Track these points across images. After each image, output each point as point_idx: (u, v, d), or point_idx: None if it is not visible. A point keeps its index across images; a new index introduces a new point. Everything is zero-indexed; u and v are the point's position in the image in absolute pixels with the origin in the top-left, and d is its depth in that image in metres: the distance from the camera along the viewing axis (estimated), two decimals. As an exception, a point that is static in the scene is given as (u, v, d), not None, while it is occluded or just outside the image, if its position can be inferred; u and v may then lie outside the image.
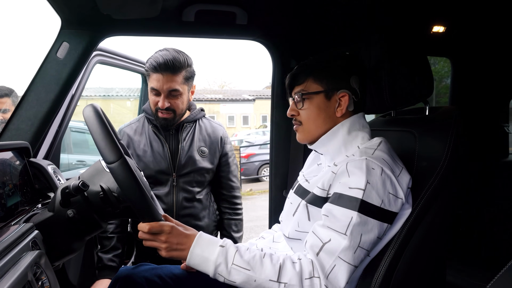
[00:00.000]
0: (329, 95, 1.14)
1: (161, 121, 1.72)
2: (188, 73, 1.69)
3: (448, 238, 1.18)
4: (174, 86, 1.64)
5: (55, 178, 1.37)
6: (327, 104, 1.14)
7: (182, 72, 1.66)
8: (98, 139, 0.94)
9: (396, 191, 1.02)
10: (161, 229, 1.01)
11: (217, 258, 0.99)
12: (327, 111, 1.15)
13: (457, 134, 1.11)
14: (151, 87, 1.67)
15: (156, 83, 1.64)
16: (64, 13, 1.42)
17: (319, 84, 1.15)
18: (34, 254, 0.83)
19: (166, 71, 1.62)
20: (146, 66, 1.68)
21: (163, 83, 1.63)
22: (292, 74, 1.20)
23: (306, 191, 1.17)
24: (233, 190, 1.94)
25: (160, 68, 1.61)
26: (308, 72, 1.17)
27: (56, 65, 1.45)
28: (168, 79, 1.63)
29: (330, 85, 1.14)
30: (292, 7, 1.69)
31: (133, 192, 0.94)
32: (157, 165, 1.74)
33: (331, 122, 1.15)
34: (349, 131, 1.14)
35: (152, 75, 1.65)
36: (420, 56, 1.22)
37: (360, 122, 1.16)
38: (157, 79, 1.63)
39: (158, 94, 1.67)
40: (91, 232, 1.12)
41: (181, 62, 1.64)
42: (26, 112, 1.43)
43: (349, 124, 1.14)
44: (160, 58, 1.62)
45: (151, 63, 1.64)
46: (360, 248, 0.97)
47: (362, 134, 1.15)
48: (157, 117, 1.72)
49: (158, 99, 1.67)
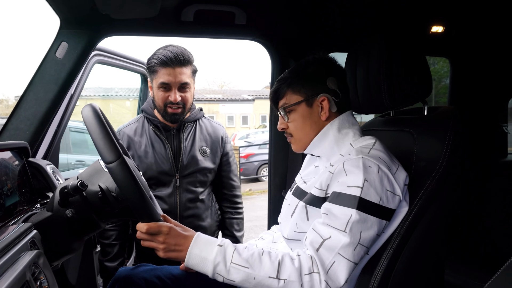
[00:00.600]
0: (310, 102, 1.17)
1: (171, 116, 1.71)
2: (194, 67, 1.73)
3: (446, 237, 1.18)
4: (185, 79, 1.67)
5: (53, 178, 1.36)
6: (310, 111, 1.17)
7: (190, 66, 1.70)
8: (96, 139, 0.94)
9: (394, 188, 1.02)
10: (159, 229, 1.01)
11: (215, 257, 0.99)
12: (312, 118, 1.17)
13: (455, 134, 1.12)
14: (161, 82, 1.66)
15: (167, 77, 1.65)
16: (63, 13, 1.42)
17: (298, 94, 1.18)
18: (32, 254, 0.83)
19: (177, 64, 1.64)
20: (152, 62, 1.67)
21: (175, 76, 1.65)
22: (273, 90, 1.23)
23: (303, 192, 1.18)
24: (234, 190, 1.94)
25: (171, 62, 1.63)
26: (286, 85, 1.19)
27: (55, 65, 1.45)
28: (179, 72, 1.65)
29: (309, 92, 1.16)
30: (290, 7, 1.69)
31: (131, 192, 0.94)
32: (159, 166, 1.73)
33: (318, 127, 1.18)
34: (339, 129, 1.16)
35: (161, 70, 1.65)
36: (419, 56, 1.23)
37: (349, 120, 1.18)
38: (168, 73, 1.64)
39: (169, 88, 1.67)
40: (90, 232, 1.12)
41: (189, 55, 1.69)
42: (25, 112, 1.43)
43: (338, 123, 1.16)
44: (169, 53, 1.64)
45: (160, 58, 1.64)
46: (360, 245, 0.98)
47: (353, 131, 1.17)
48: (166, 113, 1.71)
49: (169, 94, 1.67)
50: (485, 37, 2.22)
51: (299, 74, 1.18)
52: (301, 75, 1.18)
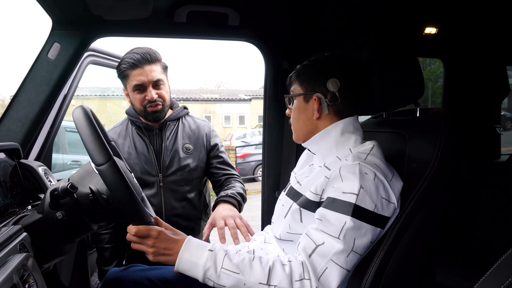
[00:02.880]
0: (307, 97, 1.17)
1: (152, 115, 1.71)
2: (164, 64, 1.74)
3: (437, 238, 1.18)
4: (157, 75, 1.68)
5: (45, 179, 1.36)
6: (305, 107, 1.17)
7: (159, 62, 1.71)
8: (87, 141, 0.94)
9: (389, 196, 1.02)
10: (148, 233, 1.00)
11: (206, 262, 0.98)
12: (306, 113, 1.17)
13: (447, 136, 1.12)
14: (135, 84, 1.67)
15: (139, 78, 1.65)
16: (55, 14, 1.41)
17: (300, 86, 1.18)
18: (21, 257, 0.82)
19: (145, 63, 1.65)
20: (121, 68, 1.68)
21: (146, 75, 1.65)
22: (289, 76, 1.24)
23: (298, 194, 1.18)
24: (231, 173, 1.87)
25: (139, 62, 1.65)
26: (296, 74, 1.20)
27: (47, 66, 1.45)
28: (149, 70, 1.66)
29: (308, 88, 1.16)
30: (284, 8, 1.69)
31: (121, 194, 0.93)
32: (142, 166, 1.73)
33: (310, 125, 1.18)
34: (342, 133, 1.14)
35: (131, 73, 1.66)
36: (411, 57, 1.23)
37: (354, 125, 1.17)
38: (139, 73, 1.65)
39: (143, 89, 1.68)
40: (81, 234, 1.12)
41: (155, 53, 1.70)
42: (17, 113, 1.42)
43: (343, 126, 1.15)
44: (135, 55, 1.65)
45: (128, 62, 1.65)
46: (353, 252, 0.98)
47: (355, 136, 1.15)
48: (147, 113, 1.71)
49: (145, 94, 1.68)
50: (478, 38, 2.23)
51: (307, 68, 1.19)
52: (308, 69, 1.18)
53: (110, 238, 1.75)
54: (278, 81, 1.89)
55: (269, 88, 1.93)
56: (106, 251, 1.75)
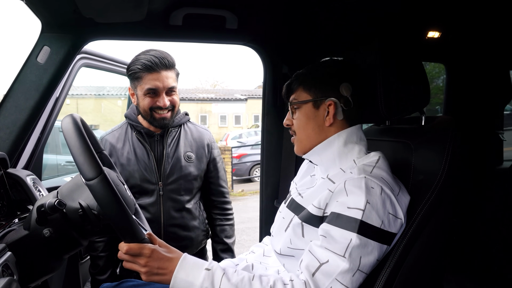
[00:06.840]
0: (317, 104, 1.11)
1: (159, 121, 1.65)
2: (177, 70, 1.69)
3: (444, 253, 1.14)
4: (172, 83, 1.64)
5: (34, 189, 1.30)
6: (316, 113, 1.11)
7: (175, 69, 1.67)
8: (76, 154, 0.89)
9: (396, 211, 0.98)
10: (140, 251, 0.94)
11: (202, 282, 0.93)
12: (316, 120, 1.12)
13: (454, 147, 1.07)
14: (148, 88, 1.60)
15: (154, 83, 1.59)
16: (44, 16, 1.36)
17: (307, 93, 1.13)
18: (3, 282, 0.76)
19: (163, 68, 1.60)
20: (135, 68, 1.60)
21: (162, 81, 1.60)
22: (287, 83, 1.18)
23: (299, 207, 1.13)
24: (223, 196, 1.88)
25: (157, 67, 1.59)
26: (299, 81, 1.15)
27: (37, 70, 1.39)
28: (165, 76, 1.61)
29: (319, 93, 1.11)
30: (283, 12, 1.65)
31: (112, 211, 0.88)
32: (142, 174, 1.67)
33: (321, 132, 1.12)
34: (345, 143, 1.10)
35: (146, 76, 1.59)
36: (416, 63, 1.18)
37: (357, 135, 1.12)
38: (155, 78, 1.59)
39: (157, 94, 1.61)
40: (70, 250, 1.06)
41: (172, 59, 1.65)
42: (4, 120, 1.37)
43: (346, 136, 1.10)
44: (153, 58, 1.59)
45: (144, 64, 1.58)
46: (359, 271, 0.93)
47: (359, 147, 1.11)
48: (154, 118, 1.65)
49: (156, 99, 1.62)
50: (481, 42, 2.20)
51: (314, 73, 1.14)
52: (315, 74, 1.13)
53: (105, 246, 1.69)
54: (277, 86, 1.84)
55: (267, 93, 1.88)
56: (101, 260, 1.69)
